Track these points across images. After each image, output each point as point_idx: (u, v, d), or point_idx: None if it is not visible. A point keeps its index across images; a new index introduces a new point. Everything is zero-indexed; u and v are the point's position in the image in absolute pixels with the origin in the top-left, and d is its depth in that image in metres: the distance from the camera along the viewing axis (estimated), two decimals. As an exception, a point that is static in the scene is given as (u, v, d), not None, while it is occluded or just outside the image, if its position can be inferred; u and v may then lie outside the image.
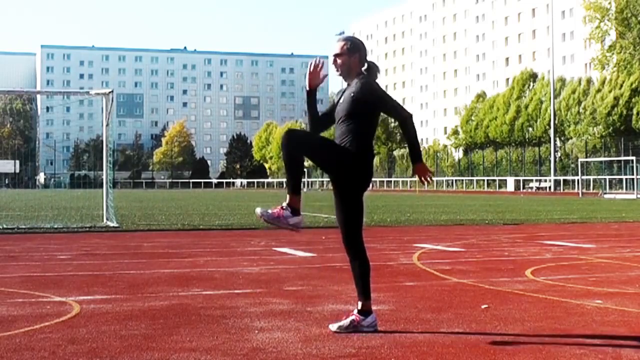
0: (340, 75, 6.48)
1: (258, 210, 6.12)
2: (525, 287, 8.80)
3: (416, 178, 6.38)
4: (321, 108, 6.40)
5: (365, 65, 6.47)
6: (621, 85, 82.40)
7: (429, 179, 6.23)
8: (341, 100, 6.39)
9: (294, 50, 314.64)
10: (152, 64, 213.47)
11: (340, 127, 6.30)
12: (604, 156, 78.49)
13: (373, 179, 6.16)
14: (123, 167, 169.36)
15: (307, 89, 6.58)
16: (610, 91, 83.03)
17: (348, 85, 6.43)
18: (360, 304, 6.32)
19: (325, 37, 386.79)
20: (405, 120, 6.20)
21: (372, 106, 6.22)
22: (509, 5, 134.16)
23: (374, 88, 6.23)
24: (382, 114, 6.34)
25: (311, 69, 6.53)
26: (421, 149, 6.24)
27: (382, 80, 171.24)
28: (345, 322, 6.27)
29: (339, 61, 6.43)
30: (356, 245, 6.33)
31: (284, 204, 6.11)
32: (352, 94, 6.26)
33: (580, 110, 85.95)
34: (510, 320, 6.73)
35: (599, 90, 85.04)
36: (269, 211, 6.09)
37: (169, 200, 48.16)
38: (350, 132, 6.21)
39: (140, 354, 5.41)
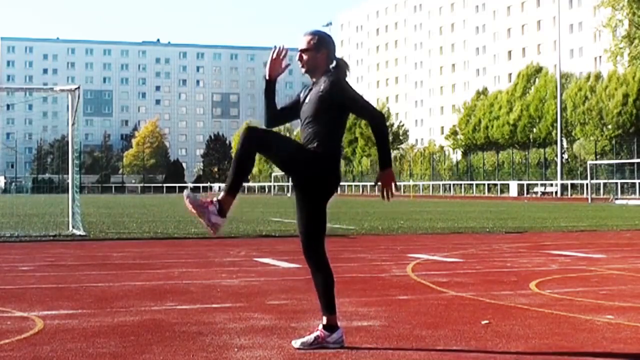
0: (305, 72, 6.52)
1: (186, 191, 6.09)
2: (529, 301, 8.82)
3: (377, 187, 6.34)
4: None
5: (334, 62, 6.50)
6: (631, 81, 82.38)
7: (393, 191, 6.25)
8: (307, 100, 6.41)
9: (277, 43, 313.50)
10: (122, 58, 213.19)
11: (306, 128, 6.33)
12: (615, 158, 78.45)
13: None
14: (90, 170, 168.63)
15: (267, 78, 6.59)
16: (616, 89, 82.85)
17: (314, 83, 6.46)
18: (325, 319, 6.36)
19: (310, 28, 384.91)
20: (377, 120, 6.24)
21: (341, 106, 6.24)
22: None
23: (343, 87, 6.26)
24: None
25: (273, 56, 6.54)
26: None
27: (373, 76, 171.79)
28: (309, 338, 6.32)
29: (304, 57, 6.47)
30: (318, 257, 6.37)
31: (215, 199, 6.08)
32: (319, 93, 6.28)
33: (585, 110, 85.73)
34: (513, 337, 6.75)
35: (605, 88, 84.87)
36: (198, 196, 6.06)
37: (140, 206, 48.06)
38: (317, 134, 6.24)
39: (109, 375, 5.41)
